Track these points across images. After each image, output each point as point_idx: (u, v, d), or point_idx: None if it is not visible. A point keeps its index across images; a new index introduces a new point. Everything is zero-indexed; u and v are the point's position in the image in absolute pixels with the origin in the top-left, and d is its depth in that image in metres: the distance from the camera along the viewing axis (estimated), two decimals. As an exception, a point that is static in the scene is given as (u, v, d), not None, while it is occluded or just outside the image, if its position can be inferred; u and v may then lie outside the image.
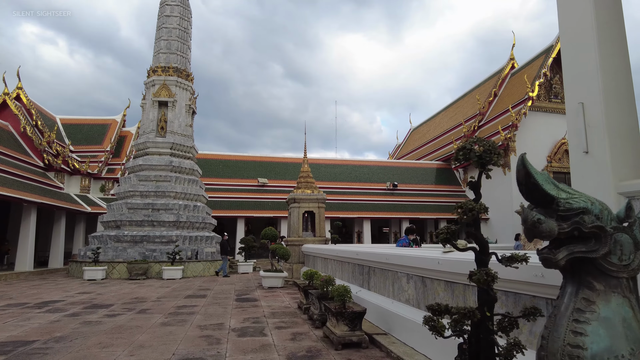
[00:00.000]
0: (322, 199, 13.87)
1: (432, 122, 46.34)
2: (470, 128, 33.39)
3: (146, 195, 18.49)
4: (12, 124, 24.11)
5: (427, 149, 41.08)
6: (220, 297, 9.84)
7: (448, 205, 30.83)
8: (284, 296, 10.00)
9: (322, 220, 13.77)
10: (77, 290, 11.45)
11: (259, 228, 30.87)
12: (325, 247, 10.33)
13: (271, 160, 32.45)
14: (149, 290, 11.41)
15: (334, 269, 9.18)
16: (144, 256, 16.70)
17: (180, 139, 19.98)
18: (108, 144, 28.18)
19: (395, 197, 30.85)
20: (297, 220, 13.63)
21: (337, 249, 8.56)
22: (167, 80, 20.18)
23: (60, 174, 24.36)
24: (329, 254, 9.47)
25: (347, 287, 5.28)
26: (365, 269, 6.87)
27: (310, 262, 12.23)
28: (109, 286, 12.70)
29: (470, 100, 38.50)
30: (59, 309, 8.05)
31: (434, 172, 34.44)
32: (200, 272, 17.04)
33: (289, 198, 14.08)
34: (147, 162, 19.10)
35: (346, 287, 5.28)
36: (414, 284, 5.03)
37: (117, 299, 9.50)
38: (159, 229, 17.77)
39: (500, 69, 35.65)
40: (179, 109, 20.32)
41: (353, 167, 33.06)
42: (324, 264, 10.35)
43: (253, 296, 10.05)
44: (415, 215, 28.84)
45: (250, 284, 13.33)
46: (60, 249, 20.86)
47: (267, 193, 29.39)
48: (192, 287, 12.47)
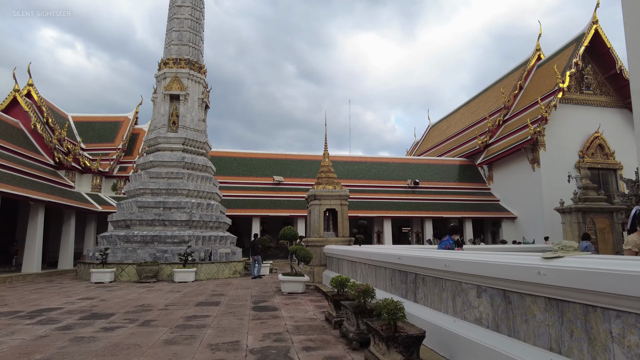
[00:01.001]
0: (345, 195, 12.69)
1: (452, 118, 44.74)
2: (494, 123, 31.81)
3: (157, 193, 17.56)
4: (23, 121, 23.51)
5: (447, 146, 39.55)
6: (235, 305, 8.74)
7: (473, 203, 29.36)
8: (307, 304, 8.85)
9: (345, 218, 12.58)
10: (80, 295, 10.49)
11: (275, 228, 29.84)
12: (353, 249, 9.13)
13: (287, 157, 31.37)
14: (158, 296, 10.38)
15: (364, 275, 7.99)
16: (155, 257, 15.75)
17: (193, 134, 19.01)
18: (120, 142, 27.46)
19: (417, 195, 29.47)
20: (318, 218, 12.47)
21: (371, 252, 7.37)
22: (179, 72, 19.23)
23: (71, 173, 23.68)
24: (359, 257, 8.28)
25: (398, 303, 4.09)
26: (410, 277, 5.66)
27: (334, 265, 11.06)
28: (116, 290, 11.73)
29: (494, 94, 36.85)
30: (52, 320, 7.03)
31: (457, 168, 32.94)
32: (214, 274, 16.02)
33: (308, 195, 12.93)
34: (158, 158, 18.17)
35: (397, 303, 4.09)
36: (489, 299, 3.81)
37: (120, 307, 8.46)
38: (171, 228, 16.82)
39: (526, 61, 33.96)
40: (191, 103, 19.35)
41: (372, 164, 31.78)
42: (351, 268, 9.16)
43: (272, 304, 8.92)
44: (438, 215, 27.44)
45: (267, 288, 12.22)
46: (70, 249, 20.09)
47: (283, 191, 28.34)
48: (204, 291, 11.41)
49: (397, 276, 6.14)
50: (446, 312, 4.66)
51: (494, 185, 31.15)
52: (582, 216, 15.83)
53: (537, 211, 25.89)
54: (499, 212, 28.53)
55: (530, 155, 26.84)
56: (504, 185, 29.79)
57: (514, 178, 28.49)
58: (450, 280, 4.55)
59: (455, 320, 4.38)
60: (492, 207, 29.16)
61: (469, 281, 4.16)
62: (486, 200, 30.02)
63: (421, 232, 28.68)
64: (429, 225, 27.34)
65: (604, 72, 28.53)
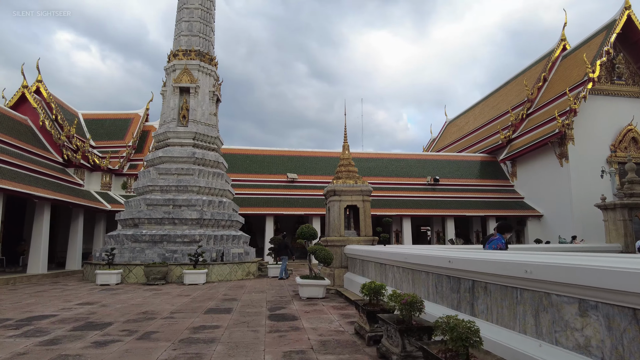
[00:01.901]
0: (367, 190, 11.60)
1: (471, 113, 43.24)
2: (517, 116, 30.34)
3: (167, 190, 16.71)
4: (32, 118, 22.97)
5: (467, 142, 38.12)
6: (250, 313, 7.74)
7: (496, 201, 27.99)
8: (329, 312, 7.81)
9: (368, 216, 11.50)
10: (80, 300, 9.62)
11: (288, 227, 28.86)
12: (383, 249, 8.05)
13: (301, 154, 30.38)
14: (164, 301, 9.44)
15: (398, 280, 6.91)
16: (164, 258, 14.89)
17: (204, 128, 18.12)
18: (130, 139, 26.79)
19: (437, 192, 28.21)
20: (338, 216, 11.41)
21: (408, 253, 6.29)
22: (189, 64, 18.36)
23: (80, 170, 23.03)
24: (390, 259, 7.21)
25: (471, 324, 3.03)
26: (464, 285, 4.58)
27: (357, 267, 9.99)
28: (120, 294, 10.85)
29: (515, 88, 35.33)
30: (39, 331, 6.12)
31: (478, 165, 31.56)
32: (226, 275, 15.09)
33: (327, 190, 11.87)
34: (167, 154, 17.32)
35: (469, 324, 3.03)
36: (604, 320, 2.72)
37: (120, 314, 7.53)
38: (181, 227, 15.94)
39: (550, 52, 32.38)
40: (202, 96, 18.46)
41: (388, 161, 30.60)
42: (380, 271, 8.09)
43: (290, 311, 7.90)
44: (459, 213, 26.15)
45: (283, 291, 11.22)
46: (78, 249, 19.38)
47: (296, 189, 27.35)
48: (215, 295, 10.46)
49: (445, 283, 5.05)
50: (523, 331, 3.58)
51: (517, 182, 29.69)
52: (628, 213, 14.47)
53: (566, 208, 24.44)
54: (523, 210, 27.11)
55: (557, 149, 25.37)
56: (529, 181, 28.33)
57: (540, 174, 27.03)
58: (531, 290, 3.46)
59: (541, 345, 3.29)
60: (516, 205, 27.75)
61: (564, 293, 3.07)
62: (510, 197, 28.60)
63: (442, 231, 27.41)
64: (450, 224, 26.07)
65: (637, 61, 26.89)
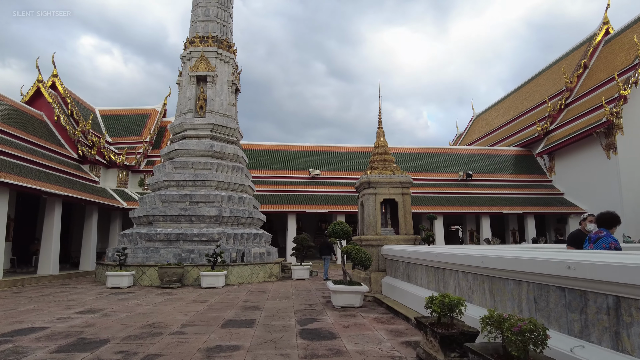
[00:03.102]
0: (407, 182, 10.11)
1: (501, 106, 41.04)
2: (555, 107, 28.22)
3: (183, 185, 15.56)
4: (46, 113, 22.24)
5: (497, 136, 36.04)
6: (276, 327, 6.37)
7: (534, 197, 26.01)
8: (373, 326, 6.38)
9: (408, 211, 10.00)
10: (83, 307, 8.44)
11: (311, 225, 27.55)
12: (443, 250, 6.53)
13: (323, 149, 28.98)
14: (177, 309, 8.18)
15: (464, 289, 5.43)
16: (180, 258, 13.71)
17: (222, 119, 16.91)
18: (147, 135, 25.90)
19: (470, 188, 26.39)
20: (374, 211, 9.95)
21: (483, 255, 4.80)
22: (206, 51, 17.18)
23: (95, 167, 22.19)
24: (452, 262, 5.73)
25: None
26: (598, 302, 3.09)
27: (400, 270, 8.52)
28: (130, 299, 9.66)
29: (551, 77, 33.13)
30: (15, 352, 4.90)
31: (512, 159, 29.55)
32: (246, 277, 13.82)
33: (361, 182, 10.41)
34: (183, 146, 16.18)
35: None
36: None
37: (121, 328, 6.28)
38: (198, 225, 14.76)
39: (590, 37, 30.12)
40: (220, 85, 17.26)
41: (417, 155, 28.90)
42: (434, 276, 6.62)
43: (325, 325, 6.50)
44: (496, 210, 24.29)
45: (312, 297, 9.84)
46: (92, 249, 18.44)
47: (319, 186, 25.98)
48: (235, 302, 9.15)
49: (556, 297, 3.56)
50: None
51: (556, 177, 27.59)
52: None
53: (614, 204, 22.26)
54: (564, 207, 25.06)
55: (603, 140, 23.26)
56: (570, 176, 26.22)
57: (583, 168, 24.91)
58: None
59: None
60: (555, 202, 25.71)
61: None
62: (548, 193, 26.55)
63: (476, 230, 25.60)
64: (486, 223, 24.23)
65: (692, 43, 24.47)
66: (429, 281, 6.80)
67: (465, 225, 26.30)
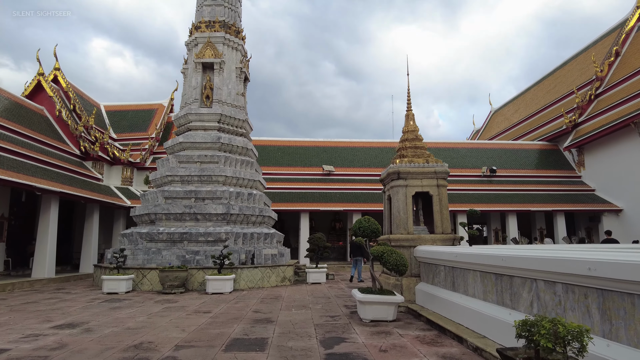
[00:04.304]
0: (443, 172, 8.68)
1: (521, 100, 39.22)
2: (584, 97, 26.43)
3: (188, 180, 14.31)
4: (48, 108, 21.22)
5: (519, 130, 34.29)
6: (294, 351, 5.01)
7: (563, 194, 24.30)
8: (417, 349, 4.98)
9: (445, 206, 8.58)
10: (64, 319, 7.19)
11: (324, 224, 26.16)
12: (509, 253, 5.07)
13: (337, 145, 27.58)
14: (174, 322, 6.88)
15: (548, 305, 4.01)
16: (184, 260, 12.45)
17: (230, 110, 15.63)
18: (153, 131, 24.78)
19: (493, 185, 24.77)
20: (404, 207, 8.54)
21: (596, 258, 3.38)
22: (213, 37, 15.92)
23: (98, 164, 21.10)
24: (529, 269, 4.30)
25: None
26: None
27: (441, 277, 7.10)
28: (123, 308, 8.39)
29: (577, 67, 31.29)
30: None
31: (536, 154, 27.84)
32: (257, 282, 12.50)
33: (388, 173, 8.99)
34: (188, 139, 14.93)
35: None
36: None
37: (98, 351, 4.98)
38: (204, 223, 13.48)
39: (621, 23, 28.25)
40: (228, 73, 15.98)
41: (436, 150, 27.30)
42: (496, 286, 5.20)
43: (356, 349, 5.12)
44: (523, 208, 22.65)
45: (333, 307, 8.47)
46: (93, 250, 17.30)
47: (333, 183, 24.59)
48: (243, 312, 7.83)
49: None
50: None
51: (586, 172, 25.81)
52: None
53: (654, 202, 20.58)
54: (596, 204, 23.28)
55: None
56: (602, 171, 24.44)
57: (617, 162, 23.14)
58: None
59: None
60: (586, 198, 23.95)
61: None
62: (578, 190, 24.80)
63: (501, 228, 23.99)
64: (512, 221, 22.61)
65: None
66: (487, 291, 5.37)
67: (490, 224, 24.70)
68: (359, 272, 14.07)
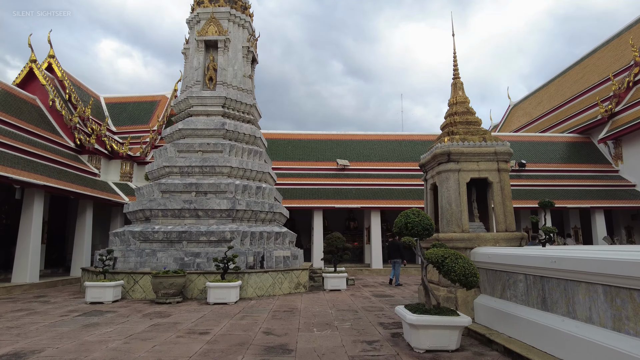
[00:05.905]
0: (506, 152, 6.80)
1: (544, 92, 36.99)
2: (622, 84, 24.24)
3: (188, 172, 12.56)
4: (41, 97, 19.65)
5: (544, 123, 32.09)
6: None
7: (599, 189, 22.18)
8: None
9: (508, 196, 6.71)
10: (14, 345, 5.44)
11: (338, 223, 24.31)
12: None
13: (352, 138, 25.70)
14: (158, 349, 5.09)
15: None
16: (182, 263, 10.69)
17: (236, 93, 13.87)
18: (155, 123, 23.12)
19: (523, 180, 22.73)
20: (457, 197, 6.67)
21: None
22: (216, 12, 14.18)
23: (95, 157, 19.47)
24: None
25: None
26: None
27: (519, 289, 5.22)
28: (100, 325, 6.62)
29: (611, 53, 29.04)
30: None
31: (567, 147, 25.70)
32: (267, 289, 10.69)
33: (434, 154, 7.11)
34: (189, 125, 13.18)
35: None
36: None
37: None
38: (206, 221, 11.71)
39: (660, 5, 25.99)
40: (234, 53, 14.22)
41: (458, 144, 25.32)
42: (620, 306, 3.33)
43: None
44: (557, 204, 20.55)
45: (365, 325, 6.62)
46: (85, 251, 15.63)
47: (348, 178, 22.74)
48: (251, 335, 6.02)
49: None
50: None
51: (624, 166, 23.63)
52: None
53: None
54: (638, 201, 21.15)
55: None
56: (643, 164, 22.30)
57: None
58: None
59: None
60: (626, 194, 21.80)
61: None
62: (616, 185, 22.65)
63: (531, 227, 21.93)
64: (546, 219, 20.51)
65: None
66: (614, 316, 3.49)
67: (520, 222, 22.64)
68: (396, 275, 12.80)
